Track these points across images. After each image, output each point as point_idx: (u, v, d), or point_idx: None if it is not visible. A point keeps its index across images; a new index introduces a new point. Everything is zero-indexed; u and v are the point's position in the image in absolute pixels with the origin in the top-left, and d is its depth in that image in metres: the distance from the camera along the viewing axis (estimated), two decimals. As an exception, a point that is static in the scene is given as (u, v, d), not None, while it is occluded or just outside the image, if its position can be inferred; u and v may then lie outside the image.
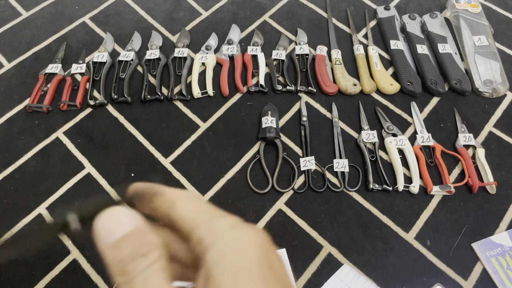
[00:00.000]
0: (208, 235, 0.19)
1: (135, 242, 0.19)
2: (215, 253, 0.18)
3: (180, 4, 0.88)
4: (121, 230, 0.19)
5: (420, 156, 0.67)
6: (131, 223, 0.19)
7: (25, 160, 0.68)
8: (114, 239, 0.19)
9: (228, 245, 0.19)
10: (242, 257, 0.18)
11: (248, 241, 0.19)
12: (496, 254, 0.60)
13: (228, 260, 0.18)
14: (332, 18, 0.86)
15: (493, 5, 0.89)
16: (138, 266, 0.18)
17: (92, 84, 0.76)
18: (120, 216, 0.20)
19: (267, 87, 0.76)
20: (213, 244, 0.19)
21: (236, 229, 0.20)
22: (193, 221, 0.20)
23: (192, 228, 0.20)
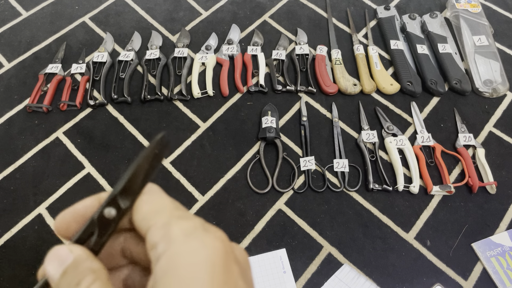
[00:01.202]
0: (161, 241, 0.18)
1: (69, 277, 0.19)
2: (165, 264, 0.17)
3: (180, 4, 0.88)
4: (59, 269, 0.19)
5: (420, 156, 0.67)
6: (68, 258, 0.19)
7: (25, 160, 0.68)
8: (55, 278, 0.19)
9: (180, 256, 0.17)
10: (192, 271, 0.16)
11: (204, 253, 0.17)
12: (496, 254, 0.60)
13: (176, 275, 0.16)
14: (332, 18, 0.86)
15: (493, 5, 0.89)
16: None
17: (92, 84, 0.76)
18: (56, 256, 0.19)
19: (267, 87, 0.76)
20: (164, 252, 0.17)
21: (192, 237, 0.17)
22: (149, 222, 0.19)
23: (146, 230, 0.19)
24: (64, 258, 0.19)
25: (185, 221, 0.18)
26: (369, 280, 0.58)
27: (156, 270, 0.17)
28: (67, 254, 0.19)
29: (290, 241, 0.61)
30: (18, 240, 0.61)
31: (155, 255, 0.18)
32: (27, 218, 0.63)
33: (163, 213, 0.19)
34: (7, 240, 0.61)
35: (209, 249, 0.17)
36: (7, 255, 0.60)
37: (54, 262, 0.19)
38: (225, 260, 0.17)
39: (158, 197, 0.20)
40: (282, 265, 0.59)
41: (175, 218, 0.19)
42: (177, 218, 0.19)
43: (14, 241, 0.61)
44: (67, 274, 0.19)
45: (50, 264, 0.19)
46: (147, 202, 0.20)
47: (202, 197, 0.65)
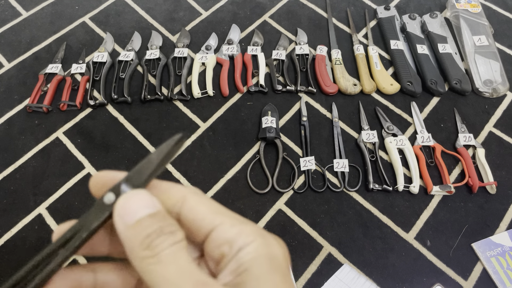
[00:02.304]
0: (239, 237, 0.19)
1: (160, 221, 0.19)
2: (253, 251, 0.19)
3: (180, 4, 0.88)
4: (144, 211, 0.19)
5: (420, 156, 0.67)
6: (154, 206, 0.20)
7: (25, 160, 0.68)
8: (138, 216, 0.19)
9: (264, 248, 0.19)
10: (278, 262, 0.19)
11: (280, 250, 0.20)
12: (496, 254, 0.60)
13: (266, 260, 0.19)
14: (332, 18, 0.86)
15: (493, 5, 0.89)
16: (165, 241, 0.18)
17: (92, 84, 0.76)
18: (144, 198, 0.20)
19: (267, 87, 0.76)
20: (248, 244, 0.19)
21: (268, 237, 0.20)
22: (213, 222, 0.20)
23: (211, 229, 0.20)
24: (151, 203, 0.20)
25: (251, 224, 0.20)
26: (369, 280, 0.58)
27: (243, 257, 0.19)
28: (154, 201, 0.20)
29: (290, 241, 0.61)
30: (18, 240, 0.61)
31: (235, 248, 0.19)
32: (27, 218, 0.63)
33: (225, 214, 0.21)
34: (7, 240, 0.61)
35: (283, 248, 0.20)
36: (7, 255, 0.60)
37: (139, 202, 0.19)
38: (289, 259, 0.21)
39: (208, 199, 0.21)
40: (282, 265, 0.58)
41: (239, 221, 0.20)
42: (241, 221, 0.20)
43: (14, 241, 0.61)
44: (157, 217, 0.19)
45: (134, 201, 0.19)
46: (202, 204, 0.21)
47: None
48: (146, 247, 0.18)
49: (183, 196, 0.21)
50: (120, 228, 0.19)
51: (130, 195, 0.20)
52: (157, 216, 0.19)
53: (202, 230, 0.20)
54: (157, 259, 0.18)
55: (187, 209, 0.21)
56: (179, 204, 0.21)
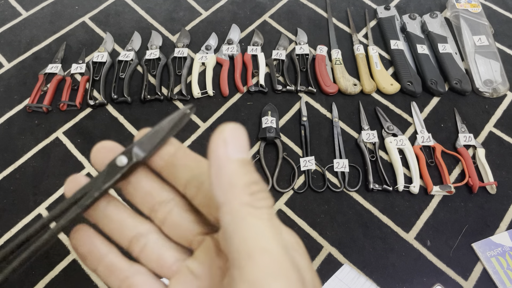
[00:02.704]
0: None
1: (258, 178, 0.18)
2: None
3: (180, 4, 0.88)
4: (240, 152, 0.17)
5: (420, 156, 0.67)
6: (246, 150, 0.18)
7: (25, 160, 0.68)
8: (245, 156, 0.17)
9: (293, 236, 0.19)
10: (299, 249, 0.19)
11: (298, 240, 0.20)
12: (497, 254, 0.60)
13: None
14: (332, 18, 0.86)
15: (493, 5, 0.89)
16: (264, 201, 0.17)
17: (92, 84, 0.76)
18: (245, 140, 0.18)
19: (267, 87, 0.76)
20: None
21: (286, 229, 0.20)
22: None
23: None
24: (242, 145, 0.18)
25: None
26: (369, 280, 0.58)
27: None
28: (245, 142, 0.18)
29: (290, 241, 0.61)
30: (18, 240, 0.61)
31: None
32: (27, 218, 0.63)
33: None
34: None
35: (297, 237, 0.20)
36: (7, 255, 0.60)
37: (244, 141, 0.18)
38: None
39: None
40: (282, 265, 0.58)
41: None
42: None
43: (14, 241, 0.61)
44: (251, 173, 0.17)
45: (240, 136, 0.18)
46: None
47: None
48: (251, 193, 0.17)
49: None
50: (222, 156, 0.17)
51: (234, 126, 0.18)
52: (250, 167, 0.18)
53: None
54: (259, 212, 0.17)
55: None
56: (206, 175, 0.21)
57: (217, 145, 0.18)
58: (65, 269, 0.59)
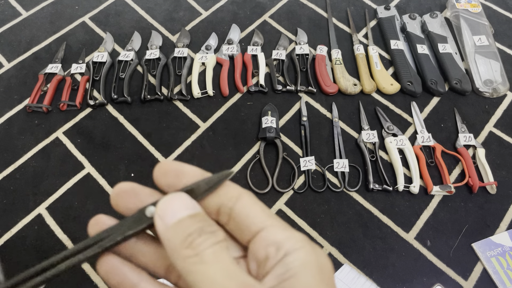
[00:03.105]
0: (288, 241, 0.19)
1: (201, 222, 0.19)
2: (302, 258, 0.19)
3: (180, 4, 0.88)
4: (184, 211, 0.19)
5: (420, 156, 0.67)
6: (194, 208, 0.20)
7: (25, 160, 0.68)
8: (179, 217, 0.19)
9: (313, 255, 0.19)
10: (326, 271, 0.19)
11: (327, 260, 0.20)
12: (497, 254, 0.60)
13: (314, 268, 0.19)
14: (332, 18, 0.86)
15: (494, 5, 0.89)
16: (207, 241, 0.19)
17: (92, 84, 0.76)
18: (184, 200, 0.20)
19: (267, 87, 0.75)
20: (297, 250, 0.19)
21: (315, 246, 0.20)
22: (264, 222, 0.20)
23: (261, 228, 0.20)
24: (191, 205, 0.20)
25: (299, 233, 0.21)
26: (369, 280, 0.58)
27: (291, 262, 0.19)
28: (194, 204, 0.20)
29: (290, 241, 0.61)
30: (18, 240, 0.61)
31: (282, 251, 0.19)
32: (27, 218, 0.63)
33: (276, 219, 0.21)
34: (7, 240, 0.61)
35: (329, 259, 0.20)
36: (7, 255, 0.60)
37: (180, 203, 0.20)
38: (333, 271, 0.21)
39: (262, 203, 0.22)
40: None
41: (289, 227, 0.21)
42: (290, 227, 0.21)
43: (14, 241, 0.61)
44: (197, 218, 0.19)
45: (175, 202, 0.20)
46: (256, 204, 0.21)
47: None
48: (188, 245, 0.18)
49: (239, 193, 0.21)
50: (161, 229, 0.19)
51: (171, 197, 0.20)
52: (197, 217, 0.20)
53: (252, 228, 0.20)
54: (200, 258, 0.18)
55: (241, 206, 0.21)
56: (234, 200, 0.21)
57: (156, 222, 0.20)
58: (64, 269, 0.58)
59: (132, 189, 0.22)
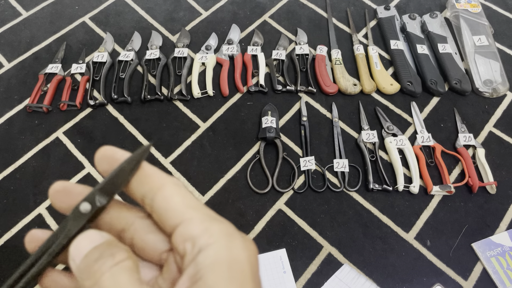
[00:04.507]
0: (203, 235, 0.19)
1: (102, 248, 0.19)
2: (212, 256, 0.18)
3: (180, 4, 0.88)
4: (90, 245, 0.19)
5: (420, 156, 0.67)
6: (99, 238, 0.20)
7: (25, 160, 0.68)
8: (84, 252, 0.19)
9: (225, 251, 0.18)
10: (238, 268, 0.18)
11: (244, 253, 0.19)
12: (496, 254, 0.60)
13: (224, 266, 0.18)
14: (332, 18, 0.86)
15: (493, 5, 0.89)
16: (104, 265, 0.18)
17: (92, 84, 0.76)
18: (90, 235, 0.20)
19: (267, 87, 0.76)
20: (209, 245, 0.18)
21: (234, 238, 0.19)
22: (183, 215, 0.19)
23: (179, 222, 0.19)
24: (95, 237, 0.20)
25: (222, 223, 0.20)
26: (369, 280, 0.58)
27: (201, 260, 0.18)
28: (99, 235, 0.20)
29: (290, 241, 0.61)
30: (18, 240, 0.61)
31: (195, 247, 0.18)
32: (27, 218, 0.63)
33: (198, 210, 0.20)
34: (7, 240, 0.61)
35: (250, 251, 0.19)
36: (7, 255, 0.60)
37: (86, 240, 0.19)
38: (257, 261, 0.20)
39: (186, 192, 0.21)
40: (282, 265, 0.59)
41: (210, 218, 0.20)
42: (213, 218, 0.20)
43: (14, 241, 0.61)
44: (99, 248, 0.19)
45: (82, 241, 0.19)
46: (178, 195, 0.20)
47: (202, 197, 0.65)
48: (88, 276, 0.18)
49: (162, 183, 0.20)
50: (74, 271, 0.19)
51: (78, 238, 0.20)
52: (102, 245, 0.19)
53: (171, 221, 0.20)
54: (98, 285, 0.18)
55: (161, 197, 0.20)
56: (155, 191, 0.20)
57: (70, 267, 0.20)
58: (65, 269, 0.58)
59: (64, 189, 0.22)
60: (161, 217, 0.20)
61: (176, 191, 0.20)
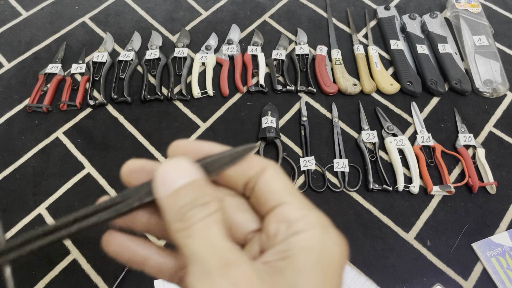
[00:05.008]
0: (300, 220, 0.19)
1: (196, 192, 0.19)
2: (305, 240, 0.18)
3: (180, 4, 0.88)
4: (182, 180, 0.19)
5: (420, 156, 0.67)
6: (192, 175, 0.19)
7: (25, 160, 0.68)
8: (176, 186, 0.19)
9: (319, 241, 0.18)
10: (328, 259, 0.18)
11: (336, 248, 0.19)
12: (496, 254, 0.60)
13: (315, 254, 0.18)
14: (332, 18, 0.86)
15: (493, 5, 0.89)
16: (197, 214, 0.18)
17: (92, 84, 0.76)
18: (181, 167, 0.19)
19: (267, 87, 0.76)
20: (304, 231, 0.18)
21: (329, 230, 0.19)
22: (282, 198, 0.20)
23: (278, 204, 0.20)
24: (189, 172, 0.19)
25: (318, 213, 0.20)
26: (369, 280, 0.58)
27: (294, 242, 0.18)
28: (193, 169, 0.19)
29: (290, 241, 0.61)
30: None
31: (291, 229, 0.19)
32: (27, 218, 0.63)
33: (296, 195, 0.20)
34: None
35: (341, 247, 0.19)
36: (7, 255, 0.60)
37: (178, 171, 0.19)
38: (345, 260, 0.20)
39: (285, 177, 0.21)
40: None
41: (308, 206, 0.20)
42: (309, 206, 0.20)
43: (14, 241, 0.61)
44: (193, 187, 0.19)
45: (173, 170, 0.19)
46: (279, 179, 0.21)
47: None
48: (179, 218, 0.18)
49: (264, 167, 0.21)
50: (160, 197, 0.19)
51: (170, 163, 0.19)
52: (194, 186, 0.19)
53: (270, 203, 0.20)
54: (188, 232, 0.18)
55: (263, 180, 0.20)
56: (259, 174, 0.21)
57: (156, 191, 0.19)
58: (65, 269, 0.59)
59: (141, 168, 0.21)
60: (260, 199, 0.20)
61: (277, 175, 0.21)
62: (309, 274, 0.17)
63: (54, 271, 0.58)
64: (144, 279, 0.58)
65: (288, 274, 0.17)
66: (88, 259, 0.59)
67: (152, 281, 0.57)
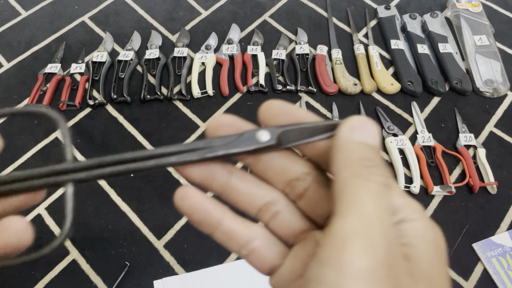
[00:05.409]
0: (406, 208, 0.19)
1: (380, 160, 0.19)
2: (419, 229, 0.18)
3: (180, 4, 0.88)
4: (374, 140, 0.19)
5: (420, 156, 0.67)
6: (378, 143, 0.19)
7: (25, 160, 0.68)
8: (368, 141, 0.19)
9: (431, 231, 0.19)
10: (441, 250, 0.19)
11: (442, 239, 0.19)
12: (497, 254, 0.59)
13: (431, 243, 0.18)
14: (332, 17, 0.86)
15: (494, 5, 0.89)
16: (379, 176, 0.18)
17: (91, 84, 0.76)
18: (376, 131, 0.19)
19: (267, 87, 0.75)
20: (414, 220, 0.18)
21: (431, 221, 0.19)
22: None
23: None
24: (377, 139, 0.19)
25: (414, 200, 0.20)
26: (370, 280, 0.58)
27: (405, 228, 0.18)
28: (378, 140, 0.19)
29: (290, 241, 0.61)
30: (17, 241, 0.61)
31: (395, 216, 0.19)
32: (26, 218, 0.62)
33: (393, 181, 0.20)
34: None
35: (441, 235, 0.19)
36: (6, 255, 0.60)
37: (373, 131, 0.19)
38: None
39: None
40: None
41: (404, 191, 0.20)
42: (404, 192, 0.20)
43: (13, 241, 0.61)
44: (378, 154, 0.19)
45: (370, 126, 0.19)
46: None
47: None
48: (364, 166, 0.18)
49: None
50: (345, 136, 0.19)
51: (366, 119, 0.20)
52: (378, 153, 0.19)
53: None
54: (366, 183, 0.17)
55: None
56: None
57: (343, 130, 0.19)
58: (65, 269, 0.58)
59: (234, 124, 0.21)
60: None
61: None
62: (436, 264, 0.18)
63: (54, 272, 0.58)
64: (144, 279, 0.58)
65: (418, 262, 0.17)
66: (88, 259, 0.59)
67: (152, 281, 0.57)
